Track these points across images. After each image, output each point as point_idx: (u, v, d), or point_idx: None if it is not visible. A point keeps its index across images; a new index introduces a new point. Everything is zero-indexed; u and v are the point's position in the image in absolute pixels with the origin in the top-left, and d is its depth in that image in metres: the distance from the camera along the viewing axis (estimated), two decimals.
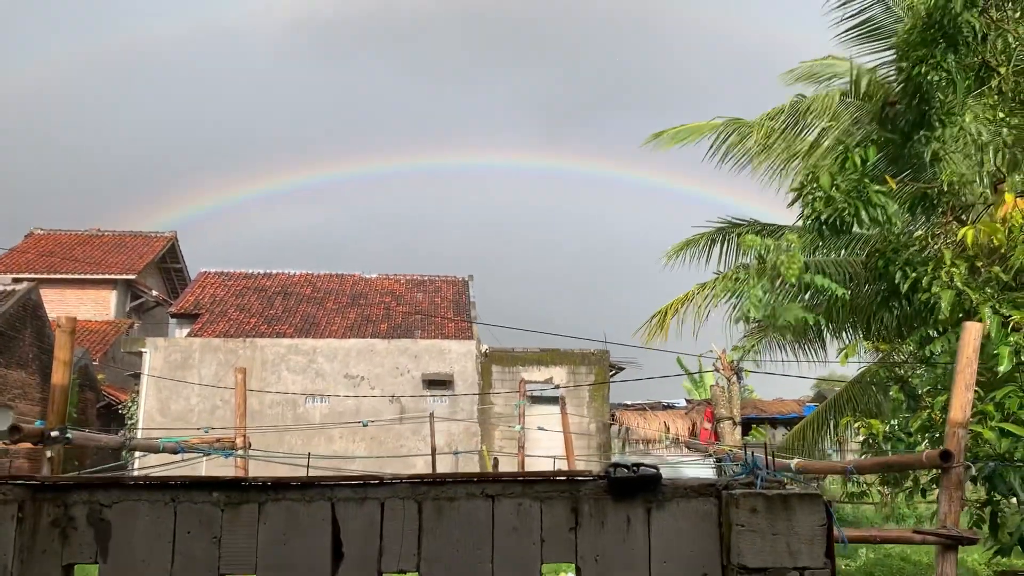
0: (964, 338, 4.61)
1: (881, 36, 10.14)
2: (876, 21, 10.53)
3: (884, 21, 10.50)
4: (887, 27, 10.38)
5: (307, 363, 21.85)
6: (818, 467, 6.65)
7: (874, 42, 10.33)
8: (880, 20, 10.51)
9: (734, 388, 17.45)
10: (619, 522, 2.93)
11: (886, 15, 10.30)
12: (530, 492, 2.98)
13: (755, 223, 12.18)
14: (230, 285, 26.20)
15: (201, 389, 20.94)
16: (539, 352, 22.68)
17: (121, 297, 31.72)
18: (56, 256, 31.60)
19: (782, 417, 27.43)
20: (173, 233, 35.26)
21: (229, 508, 2.94)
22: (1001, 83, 7.55)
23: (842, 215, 6.51)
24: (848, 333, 11.35)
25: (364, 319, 24.71)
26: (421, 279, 27.70)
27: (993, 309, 5.96)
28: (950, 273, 6.29)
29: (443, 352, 22.24)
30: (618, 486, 2.95)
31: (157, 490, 2.98)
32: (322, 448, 20.62)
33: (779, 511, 2.85)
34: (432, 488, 2.97)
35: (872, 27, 10.38)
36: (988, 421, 5.39)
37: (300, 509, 2.93)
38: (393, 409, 21.41)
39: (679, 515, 2.94)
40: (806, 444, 11.77)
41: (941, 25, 6.81)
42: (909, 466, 5.26)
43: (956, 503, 4.52)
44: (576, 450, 20.63)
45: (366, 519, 2.92)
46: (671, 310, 12.74)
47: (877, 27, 10.45)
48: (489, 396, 21.89)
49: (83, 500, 2.94)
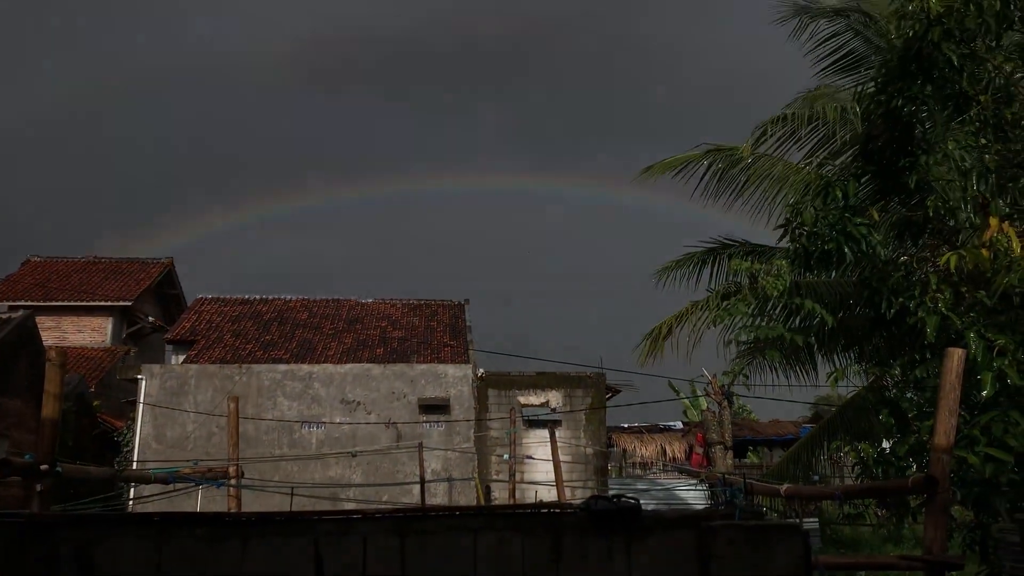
0: (947, 364, 4.65)
1: (863, 67, 10.31)
2: (857, 53, 10.71)
3: (864, 52, 10.69)
4: (868, 58, 10.56)
5: (303, 388, 21.82)
6: (807, 492, 6.66)
7: (856, 73, 10.51)
8: (861, 52, 10.69)
9: (725, 413, 17.46)
10: (600, 554, 2.96)
11: (866, 47, 10.48)
12: (512, 525, 3.01)
13: (745, 244, 12.28)
14: (226, 311, 26.21)
15: (197, 416, 20.90)
16: (535, 376, 22.67)
17: (117, 324, 31.69)
18: (52, 283, 31.64)
19: (778, 439, 27.40)
20: (169, 259, 35.30)
21: (213, 544, 2.97)
22: (981, 111, 7.66)
23: (825, 250, 6.60)
24: (839, 355, 11.41)
25: (360, 344, 24.71)
26: (417, 303, 27.74)
27: (978, 334, 6.01)
28: (935, 298, 6.35)
29: (439, 376, 22.23)
30: (599, 518, 2.98)
31: (142, 526, 3.00)
32: (318, 474, 20.55)
33: (758, 543, 2.88)
34: (414, 522, 3.01)
35: (853, 59, 10.56)
36: (975, 446, 5.42)
37: (283, 544, 2.96)
38: (389, 434, 21.36)
39: (659, 546, 2.97)
40: (800, 466, 11.77)
41: (918, 57, 6.93)
42: (896, 491, 5.28)
43: (942, 528, 4.54)
44: (573, 474, 20.61)
45: (349, 554, 2.95)
46: (665, 328, 12.80)
47: (858, 59, 10.64)
48: (485, 421, 21.85)
49: (69, 537, 2.97)
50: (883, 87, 7.31)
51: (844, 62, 10.61)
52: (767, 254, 11.46)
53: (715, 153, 11.17)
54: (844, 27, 10.65)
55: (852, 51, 10.50)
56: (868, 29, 10.49)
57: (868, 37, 10.28)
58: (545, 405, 21.93)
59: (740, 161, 10.94)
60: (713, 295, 11.14)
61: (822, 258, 7.24)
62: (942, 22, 6.83)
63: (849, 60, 10.56)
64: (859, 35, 10.47)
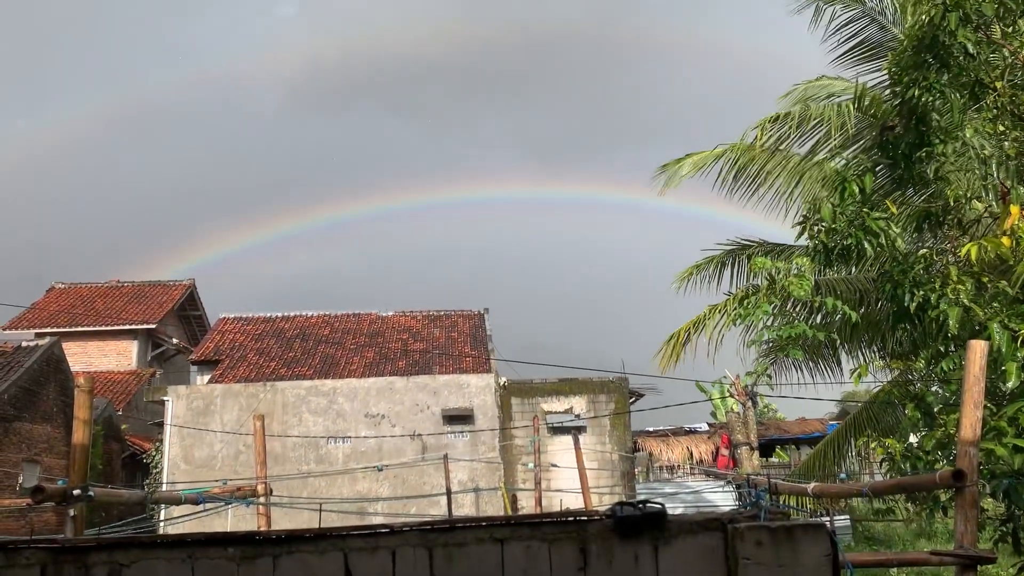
0: (970, 357, 4.62)
1: (877, 56, 10.25)
2: (872, 41, 10.65)
3: (881, 40, 10.63)
4: (884, 46, 10.50)
5: (328, 404, 21.95)
6: (834, 490, 6.61)
7: (871, 62, 10.45)
8: (876, 39, 10.63)
9: (749, 413, 17.35)
10: (627, 561, 2.97)
11: (881, 34, 10.42)
12: (538, 534, 3.03)
13: (764, 243, 12.22)
14: (249, 330, 26.45)
15: (224, 435, 21.08)
16: (558, 382, 22.66)
17: (142, 347, 32.07)
18: (77, 309, 32.06)
19: (805, 437, 27.18)
20: (191, 281, 35.69)
21: (244, 563, 3.01)
22: (998, 98, 7.59)
23: (845, 245, 6.57)
24: (864, 351, 11.32)
25: (382, 357, 24.83)
26: (437, 314, 27.83)
27: (1002, 324, 5.95)
28: (956, 290, 6.30)
29: (462, 387, 22.28)
30: (624, 525, 2.99)
31: (174, 547, 3.05)
32: (346, 489, 20.64)
33: (783, 543, 2.88)
34: (442, 535, 3.03)
35: (868, 47, 10.50)
36: (1002, 438, 5.37)
37: (314, 561, 3.00)
38: (415, 446, 21.43)
39: (686, 551, 2.97)
40: (827, 464, 11.68)
41: (932, 46, 6.89)
42: (923, 486, 5.24)
43: (972, 522, 4.50)
44: (600, 480, 20.54)
45: (378, 568, 2.98)
46: (683, 333, 12.76)
47: (874, 47, 10.57)
48: (510, 430, 21.86)
49: (103, 560, 3.02)
50: (898, 76, 7.27)
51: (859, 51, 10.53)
52: (786, 252, 11.42)
53: (732, 150, 11.14)
54: (860, 14, 10.57)
55: (867, 39, 10.43)
56: (883, 16, 10.43)
57: (884, 24, 10.22)
58: (569, 411, 21.89)
59: (756, 158, 10.91)
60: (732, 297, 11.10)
61: (842, 254, 7.21)
62: (959, 7, 6.79)
63: (864, 48, 10.48)
64: (874, 22, 10.40)
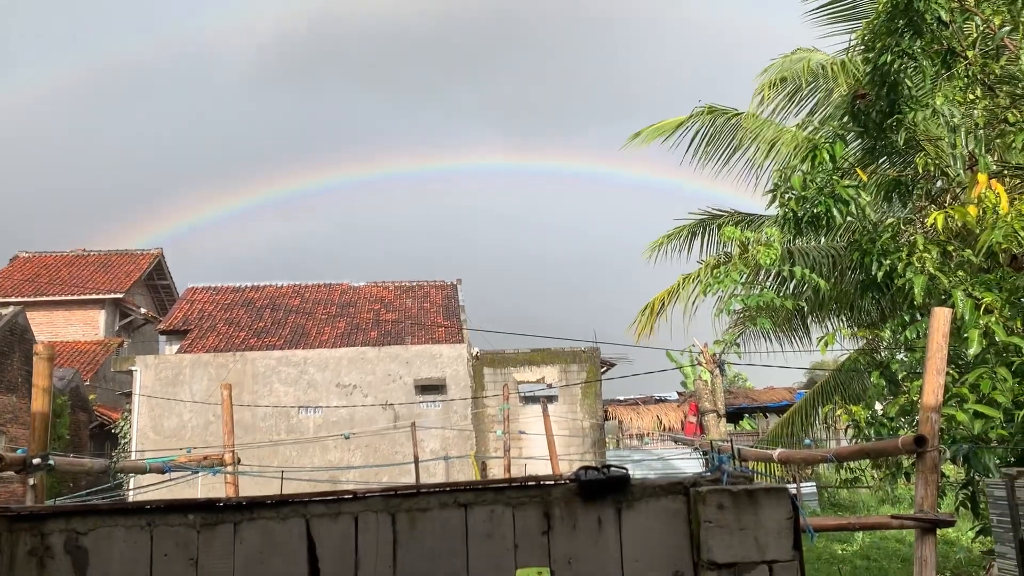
0: (933, 324, 4.66)
1: (852, 18, 10.23)
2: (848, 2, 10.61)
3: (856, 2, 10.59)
4: (859, 9, 10.48)
5: (298, 374, 21.83)
6: (800, 456, 6.70)
7: (845, 23, 10.42)
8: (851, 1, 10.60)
9: (717, 381, 17.55)
10: (590, 524, 2.97)
11: None
12: (502, 499, 3.01)
13: (735, 213, 12.27)
14: (218, 300, 26.15)
15: (194, 405, 20.91)
16: (530, 353, 22.72)
17: (110, 316, 31.60)
18: (42, 278, 31.47)
19: (773, 405, 27.59)
20: (159, 250, 35.14)
21: (205, 529, 2.97)
22: (969, 67, 7.62)
23: (815, 213, 6.60)
24: (832, 320, 11.45)
25: (354, 327, 24.70)
26: (410, 285, 27.70)
27: (966, 292, 6.02)
28: (922, 259, 6.35)
29: (434, 357, 22.26)
30: (588, 488, 2.99)
31: (133, 515, 3.00)
32: (317, 458, 20.62)
33: (745, 506, 2.89)
34: (405, 500, 3.00)
35: (844, 7, 10.46)
36: (963, 404, 5.45)
37: (275, 527, 2.96)
38: (387, 416, 21.42)
39: (649, 514, 2.98)
40: (794, 432, 11.86)
41: (907, 11, 6.88)
42: (886, 452, 5.31)
43: (933, 487, 4.57)
44: (571, 447, 20.70)
45: (341, 534, 2.95)
46: (657, 303, 12.83)
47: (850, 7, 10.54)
48: (482, 399, 21.92)
49: (59, 528, 2.96)
50: (871, 43, 7.27)
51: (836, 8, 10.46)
52: (757, 222, 11.46)
53: (703, 115, 11.11)
54: None
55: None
56: None
57: None
58: (541, 381, 21.99)
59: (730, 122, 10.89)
60: (704, 266, 11.15)
61: (811, 222, 7.24)
62: None
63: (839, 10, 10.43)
64: None
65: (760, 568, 2.86)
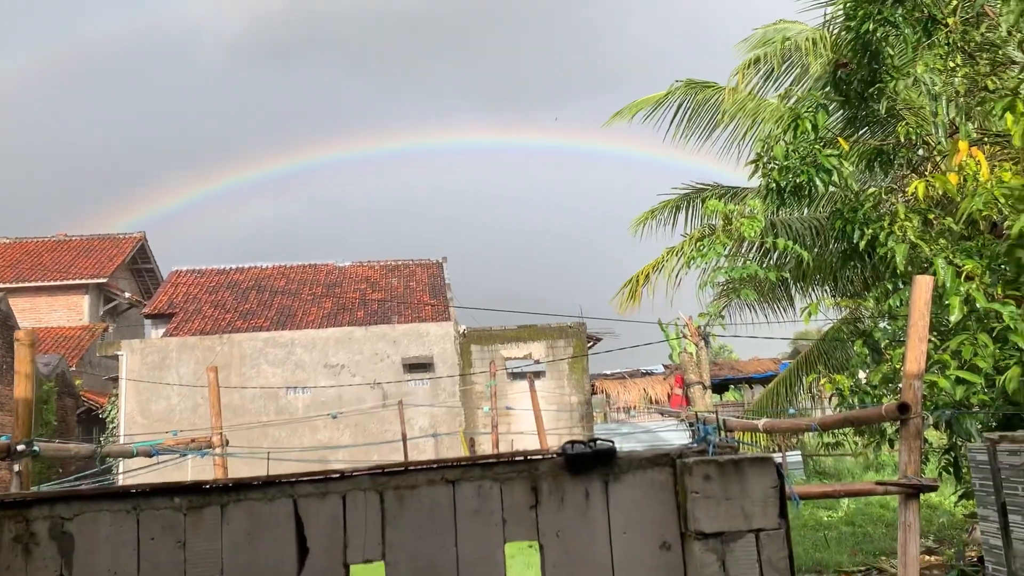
0: (915, 292, 4.69)
1: None
2: None
3: None
4: None
5: (286, 355, 21.79)
6: (784, 426, 6.77)
7: None
8: None
9: (702, 353, 17.69)
10: (578, 497, 2.99)
11: None
12: (489, 474, 3.02)
13: (718, 187, 12.28)
14: (203, 282, 25.99)
15: (181, 389, 20.84)
16: (517, 329, 22.76)
17: (94, 301, 31.36)
18: (24, 264, 31.16)
19: (759, 376, 27.82)
20: (142, 233, 34.82)
21: (192, 512, 2.96)
22: (949, 34, 7.61)
23: (797, 183, 6.60)
24: (816, 290, 11.51)
25: (340, 308, 24.63)
26: (395, 264, 27.61)
27: (947, 260, 6.06)
28: (903, 227, 6.38)
29: (421, 335, 22.26)
30: (575, 462, 3.00)
31: (118, 499, 2.98)
32: (306, 439, 20.64)
33: (731, 476, 2.91)
34: (392, 478, 3.01)
35: None
36: (945, 370, 5.50)
37: (262, 508, 2.96)
38: (376, 395, 21.44)
39: (636, 486, 2.99)
40: (779, 402, 11.96)
41: None
42: (870, 420, 5.37)
43: (916, 452, 4.62)
44: (559, 422, 20.82)
45: (328, 514, 2.95)
46: (642, 277, 12.86)
47: None
48: (470, 376, 21.97)
49: (44, 515, 2.94)
50: (853, 11, 7.24)
51: None
52: (741, 194, 11.48)
53: (685, 89, 11.07)
54: None
55: None
56: None
57: None
58: (528, 357, 22.06)
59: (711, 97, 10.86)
60: (688, 239, 11.16)
61: (794, 192, 7.25)
62: None
63: None
64: None
65: (747, 537, 2.89)
